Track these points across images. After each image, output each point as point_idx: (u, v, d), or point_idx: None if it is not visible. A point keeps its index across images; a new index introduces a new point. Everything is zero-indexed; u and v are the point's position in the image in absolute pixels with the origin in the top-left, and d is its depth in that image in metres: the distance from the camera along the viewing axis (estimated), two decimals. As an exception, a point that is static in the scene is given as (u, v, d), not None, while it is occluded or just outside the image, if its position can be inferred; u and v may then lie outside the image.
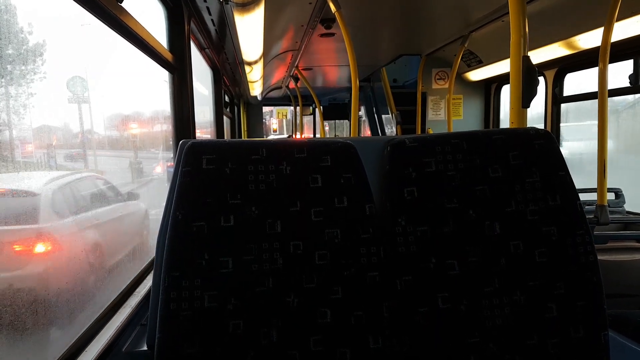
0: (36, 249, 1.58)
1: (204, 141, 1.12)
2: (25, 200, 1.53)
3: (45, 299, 1.45)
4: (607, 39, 2.70)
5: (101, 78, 2.37)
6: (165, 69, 2.37)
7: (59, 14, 1.65)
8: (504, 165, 1.18)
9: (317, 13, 3.45)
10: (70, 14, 1.50)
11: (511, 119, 1.74)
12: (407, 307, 1.11)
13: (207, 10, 2.98)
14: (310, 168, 1.13)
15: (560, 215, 1.16)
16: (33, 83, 1.53)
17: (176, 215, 1.04)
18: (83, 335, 1.36)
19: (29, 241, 1.54)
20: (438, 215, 1.15)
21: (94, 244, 1.96)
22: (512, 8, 1.69)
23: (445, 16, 3.84)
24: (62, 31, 1.79)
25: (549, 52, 3.72)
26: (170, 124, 2.57)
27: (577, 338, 1.11)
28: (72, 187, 2.03)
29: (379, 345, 1.06)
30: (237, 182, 1.08)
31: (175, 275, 1.02)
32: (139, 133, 3.19)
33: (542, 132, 1.21)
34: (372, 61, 5.70)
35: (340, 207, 1.11)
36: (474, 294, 1.12)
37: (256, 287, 1.04)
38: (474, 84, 5.44)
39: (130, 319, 1.55)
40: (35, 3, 1.64)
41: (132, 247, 2.58)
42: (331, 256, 1.08)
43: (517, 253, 1.14)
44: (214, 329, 1.02)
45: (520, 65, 1.68)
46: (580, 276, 1.14)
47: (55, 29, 1.72)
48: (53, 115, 1.79)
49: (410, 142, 1.19)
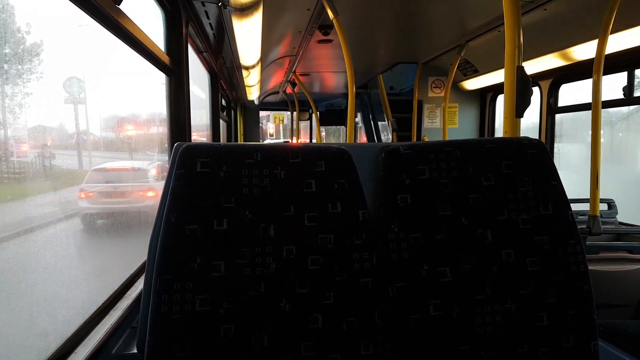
0: (148, 194, 3.15)
1: (199, 144, 1.12)
2: (141, 172, 3.31)
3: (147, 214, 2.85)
4: (601, 51, 2.73)
5: (98, 79, 2.37)
6: (162, 71, 2.38)
7: (58, 14, 1.65)
8: (497, 174, 1.19)
9: (315, 19, 3.47)
10: (69, 14, 1.51)
11: (505, 129, 1.76)
12: (399, 313, 1.11)
13: (205, 14, 2.99)
14: (305, 173, 1.13)
15: (552, 224, 1.16)
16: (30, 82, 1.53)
17: (169, 218, 1.04)
18: (73, 337, 1.36)
19: (145, 190, 3.19)
20: (431, 222, 1.15)
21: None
22: (507, 18, 1.70)
23: (442, 25, 3.87)
24: (60, 32, 1.79)
25: (544, 63, 3.75)
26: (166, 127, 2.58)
27: (567, 347, 1.12)
28: (156, 166, 3.54)
29: (370, 352, 1.06)
30: (231, 186, 1.08)
31: (166, 278, 1.01)
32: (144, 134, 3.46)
33: (535, 142, 1.22)
34: (369, 68, 5.72)
35: (334, 213, 1.11)
36: (466, 301, 1.12)
37: (248, 292, 1.04)
38: (469, 93, 5.47)
39: (120, 321, 1.54)
40: (34, 3, 1.64)
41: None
42: (324, 261, 1.08)
43: (509, 261, 1.14)
44: (205, 333, 1.01)
45: (514, 75, 1.70)
46: (571, 285, 1.14)
47: (53, 30, 1.72)
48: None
49: (405, 149, 1.20)
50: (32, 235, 1.57)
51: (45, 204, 1.77)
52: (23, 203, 1.58)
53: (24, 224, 1.53)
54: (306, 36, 3.98)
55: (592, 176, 2.81)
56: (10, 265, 1.45)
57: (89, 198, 2.53)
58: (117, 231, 2.62)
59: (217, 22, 3.23)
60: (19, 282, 1.47)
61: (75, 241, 2.07)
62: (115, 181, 2.86)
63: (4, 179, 1.54)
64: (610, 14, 2.60)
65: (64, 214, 2.01)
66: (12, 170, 1.56)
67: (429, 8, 3.38)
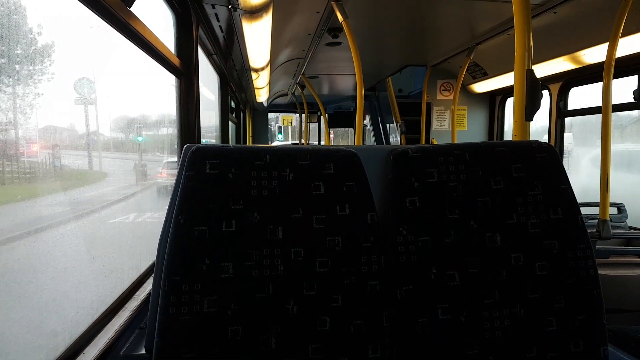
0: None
1: (208, 146, 1.12)
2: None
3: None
4: (611, 54, 2.71)
5: (107, 80, 2.39)
6: (172, 73, 2.39)
7: (69, 15, 1.67)
8: (506, 178, 1.18)
9: (324, 22, 3.47)
10: (79, 14, 1.53)
11: (514, 132, 1.75)
12: (407, 317, 1.11)
13: (215, 17, 3.01)
14: (313, 175, 1.13)
15: (562, 228, 1.16)
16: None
17: (178, 219, 1.05)
18: (81, 337, 1.36)
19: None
20: (439, 225, 1.15)
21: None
22: (517, 22, 1.70)
23: (452, 28, 3.86)
24: (70, 33, 1.81)
25: (553, 66, 3.73)
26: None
27: (576, 352, 1.11)
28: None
29: (377, 355, 1.06)
30: (239, 188, 1.09)
31: (175, 280, 1.02)
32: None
33: (545, 146, 1.21)
34: (377, 71, 5.72)
35: (342, 215, 1.11)
36: (474, 305, 1.11)
37: (256, 293, 1.04)
38: (478, 96, 5.45)
39: (129, 322, 1.55)
40: (45, 4, 1.66)
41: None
42: (332, 264, 1.08)
43: (518, 265, 1.13)
44: (213, 334, 1.01)
45: (524, 78, 1.69)
46: (580, 290, 1.13)
47: (64, 31, 1.74)
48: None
49: (413, 152, 1.20)
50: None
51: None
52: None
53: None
54: (315, 39, 3.98)
55: (602, 180, 2.78)
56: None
57: (162, 177, 4.47)
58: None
59: (227, 25, 3.25)
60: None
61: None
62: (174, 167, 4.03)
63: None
64: (621, 17, 2.58)
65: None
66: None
67: (438, 11, 3.37)
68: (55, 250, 1.69)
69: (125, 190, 3.38)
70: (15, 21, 1.40)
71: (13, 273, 1.47)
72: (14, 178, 1.54)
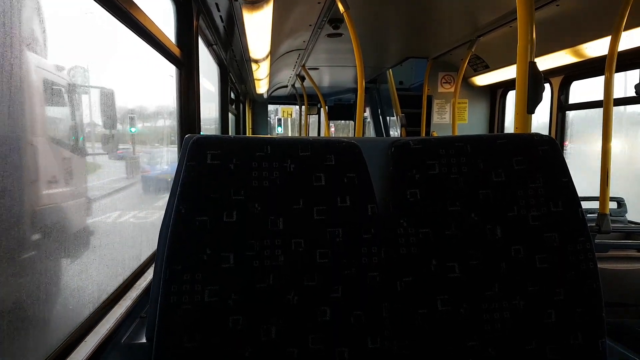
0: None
1: (209, 136, 1.12)
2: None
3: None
4: (614, 48, 2.70)
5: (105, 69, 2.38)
6: (172, 63, 2.38)
7: (66, 2, 1.65)
8: (508, 170, 1.18)
9: (325, 13, 3.46)
10: (76, 1, 1.51)
11: (516, 125, 1.75)
12: (407, 308, 1.11)
13: (216, 7, 2.99)
14: (314, 167, 1.13)
15: (562, 221, 1.16)
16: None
17: (179, 209, 1.05)
18: (82, 326, 1.37)
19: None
20: (440, 217, 1.15)
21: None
22: (520, 14, 1.69)
23: (454, 20, 3.84)
24: (66, 19, 1.79)
25: (555, 59, 3.71)
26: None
27: (575, 344, 1.12)
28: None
29: (377, 345, 1.07)
30: (240, 178, 1.09)
31: (176, 269, 1.02)
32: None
33: (546, 138, 1.21)
34: (378, 63, 5.70)
35: (343, 207, 1.11)
36: (474, 297, 1.12)
37: (257, 284, 1.05)
38: (479, 89, 5.44)
39: (130, 311, 1.56)
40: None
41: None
42: (332, 255, 1.08)
43: (518, 258, 1.14)
44: (213, 323, 1.02)
45: (526, 71, 1.68)
46: (580, 283, 1.14)
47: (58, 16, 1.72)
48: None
49: (415, 143, 1.20)
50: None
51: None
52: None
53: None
54: (316, 30, 3.97)
55: (602, 174, 2.78)
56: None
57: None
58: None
59: (228, 15, 3.23)
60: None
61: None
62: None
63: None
64: (623, 10, 2.57)
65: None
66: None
67: (440, 2, 3.36)
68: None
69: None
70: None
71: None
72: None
